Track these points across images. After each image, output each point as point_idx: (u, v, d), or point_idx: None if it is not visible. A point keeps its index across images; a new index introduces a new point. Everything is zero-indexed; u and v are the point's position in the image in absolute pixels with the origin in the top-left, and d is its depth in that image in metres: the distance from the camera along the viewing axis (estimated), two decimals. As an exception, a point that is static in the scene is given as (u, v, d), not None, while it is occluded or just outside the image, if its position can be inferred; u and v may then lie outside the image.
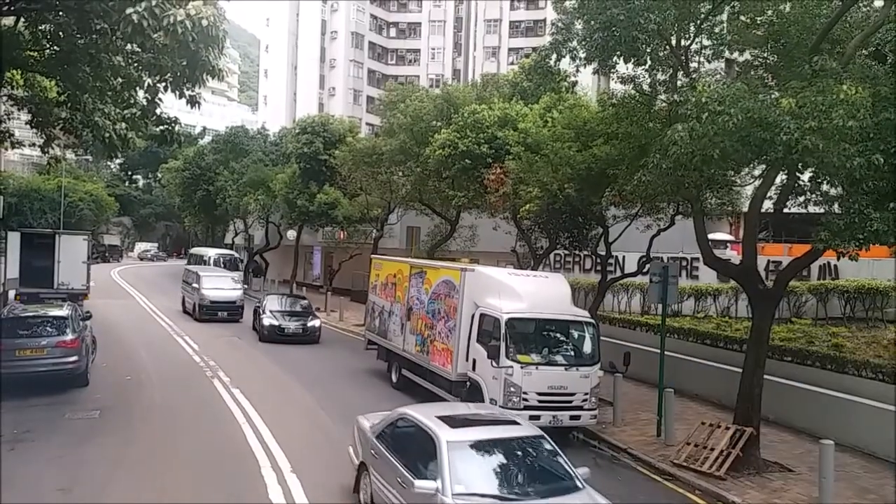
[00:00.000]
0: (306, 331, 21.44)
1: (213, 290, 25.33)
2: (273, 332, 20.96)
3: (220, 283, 26.09)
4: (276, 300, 23.21)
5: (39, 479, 8.99)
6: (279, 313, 21.83)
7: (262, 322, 21.34)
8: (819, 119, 6.91)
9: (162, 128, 14.65)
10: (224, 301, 25.16)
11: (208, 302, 24.96)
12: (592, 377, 11.83)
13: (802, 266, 11.15)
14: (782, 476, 10.34)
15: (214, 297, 25.09)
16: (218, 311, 24.93)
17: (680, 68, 10.39)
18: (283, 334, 20.97)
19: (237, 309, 25.43)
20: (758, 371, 10.64)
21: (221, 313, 24.92)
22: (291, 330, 21.17)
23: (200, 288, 25.28)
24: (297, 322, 21.55)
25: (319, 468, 9.97)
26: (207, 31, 11.29)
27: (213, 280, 26.06)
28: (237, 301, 25.62)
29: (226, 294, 25.49)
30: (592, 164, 13.33)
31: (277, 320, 21.34)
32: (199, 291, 25.23)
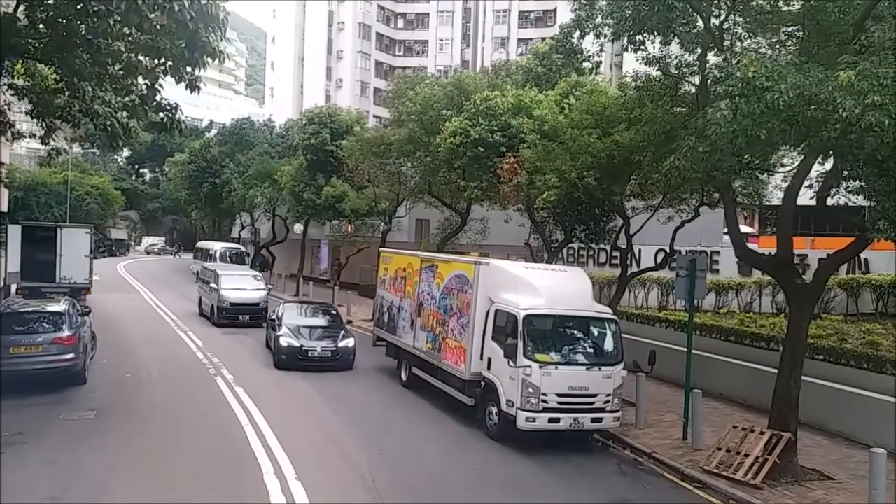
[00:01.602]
0: (337, 353, 16.23)
1: (234, 291, 22.56)
2: (293, 356, 15.98)
3: (241, 282, 23.19)
4: (295, 310, 18.30)
5: (29, 486, 8.42)
6: (300, 329, 16.77)
7: (279, 342, 16.29)
8: (882, 94, 6.19)
9: (162, 115, 14.07)
10: (246, 303, 22.45)
11: (228, 304, 22.19)
12: (615, 377, 11.16)
13: (845, 259, 10.45)
14: (823, 485, 9.65)
15: (235, 299, 22.33)
16: (239, 314, 22.25)
17: (714, 46, 9.63)
18: (307, 359, 15.99)
19: (260, 312, 22.47)
20: (795, 372, 9.95)
21: (243, 317, 22.25)
22: (318, 353, 16.09)
23: (220, 288, 22.43)
24: (325, 341, 16.49)
25: (325, 475, 9.38)
26: (206, 10, 10.78)
27: (233, 279, 23.09)
28: (260, 303, 22.83)
29: (248, 295, 22.69)
30: (614, 150, 12.64)
31: (298, 339, 16.26)
32: (219, 292, 22.41)
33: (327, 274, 39.19)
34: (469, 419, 12.17)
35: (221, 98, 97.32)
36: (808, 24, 9.89)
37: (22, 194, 43.99)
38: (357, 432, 11.37)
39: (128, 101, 14.25)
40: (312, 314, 18.28)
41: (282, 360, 16.11)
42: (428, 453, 10.65)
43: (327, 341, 16.45)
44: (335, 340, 16.48)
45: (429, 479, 9.52)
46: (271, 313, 18.24)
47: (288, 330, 16.60)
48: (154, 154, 67.36)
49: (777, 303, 18.47)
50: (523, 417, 10.64)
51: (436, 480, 9.47)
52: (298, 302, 20.99)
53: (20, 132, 19.50)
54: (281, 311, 17.76)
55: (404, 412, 13.07)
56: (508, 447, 10.90)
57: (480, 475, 9.83)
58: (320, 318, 17.95)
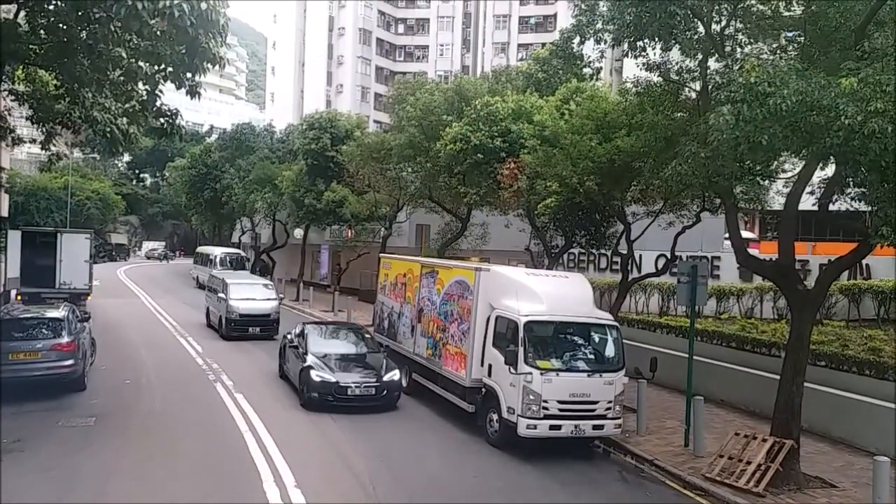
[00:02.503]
0: (382, 390, 13.01)
1: (244, 302, 21.01)
2: (327, 393, 12.74)
3: (251, 291, 21.67)
4: (321, 333, 15.01)
5: (25, 495, 8.35)
6: (331, 359, 13.59)
7: (310, 377, 12.97)
8: (884, 100, 6.16)
9: (163, 120, 14.05)
10: (256, 314, 20.97)
11: (237, 315, 20.67)
12: (617, 384, 11.10)
13: (847, 265, 10.40)
14: (826, 493, 9.58)
15: (245, 310, 20.83)
16: (249, 326, 20.76)
17: (714, 52, 9.61)
18: (345, 398, 12.74)
19: (271, 324, 21.15)
20: (797, 379, 9.88)
21: (253, 329, 20.75)
22: (358, 390, 12.81)
23: (228, 298, 20.91)
24: (366, 375, 13.26)
25: (325, 482, 9.32)
26: (206, 16, 10.73)
27: (243, 288, 21.54)
28: (272, 314, 21.34)
29: (258, 306, 21.24)
30: (615, 156, 12.60)
31: (333, 372, 13.02)
32: (227, 302, 20.88)
33: (327, 279, 39.15)
34: (470, 426, 12.10)
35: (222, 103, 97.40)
36: (809, 29, 9.88)
37: (22, 199, 44.04)
38: (357, 439, 11.31)
39: (128, 107, 14.22)
40: (343, 338, 15.18)
41: (311, 398, 12.86)
42: (428, 460, 10.59)
43: (368, 375, 13.27)
44: (378, 373, 13.29)
45: (429, 486, 9.45)
46: (290, 336, 15.25)
47: (316, 360, 13.40)
48: (154, 159, 67.39)
49: (778, 308, 18.40)
50: (524, 424, 10.58)
51: (436, 488, 9.40)
52: (321, 323, 17.48)
53: (20, 137, 19.47)
54: (304, 335, 14.55)
55: (404, 419, 13.00)
56: (509, 454, 10.84)
57: (481, 483, 9.76)
58: (353, 344, 14.82)
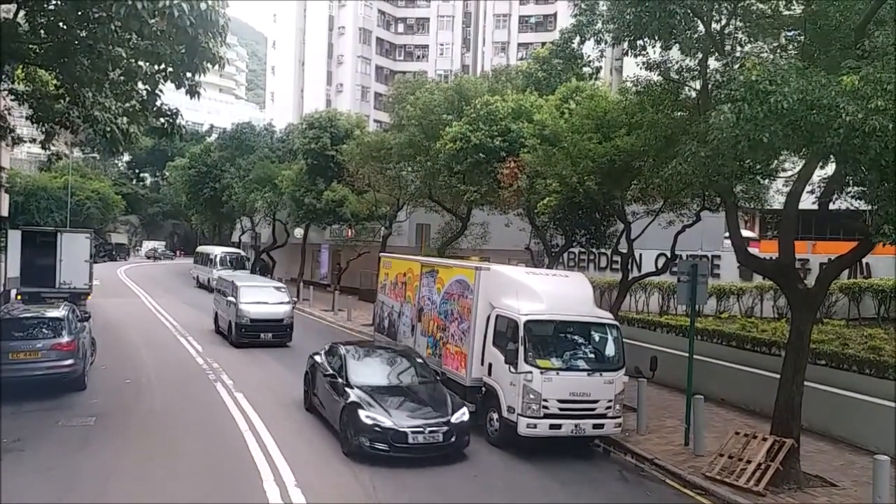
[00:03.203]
0: (451, 435, 10.18)
1: (255, 305, 19.65)
2: (381, 441, 9.87)
3: (263, 294, 20.37)
4: (360, 356, 12.02)
5: (25, 494, 8.35)
6: (380, 394, 10.73)
7: (358, 419, 10.07)
8: (885, 98, 6.16)
9: (163, 120, 14.05)
10: (269, 319, 19.67)
11: (248, 320, 19.34)
12: (617, 383, 11.10)
13: (848, 264, 10.40)
14: (826, 492, 9.58)
15: (257, 314, 19.51)
16: (261, 331, 19.44)
17: (714, 51, 9.60)
18: (406, 447, 9.91)
19: (284, 329, 19.91)
20: (798, 378, 9.88)
21: (265, 335, 19.43)
22: (421, 437, 9.97)
23: (238, 302, 19.58)
24: (429, 416, 10.35)
25: (325, 482, 9.31)
26: (206, 16, 10.72)
27: (254, 291, 20.31)
28: (285, 318, 20.02)
29: (271, 310, 19.87)
30: (615, 156, 12.60)
31: (388, 413, 10.15)
32: (237, 307, 19.54)
33: (328, 278, 39.16)
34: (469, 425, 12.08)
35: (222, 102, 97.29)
36: (809, 28, 9.87)
37: (22, 199, 44.04)
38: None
39: (128, 107, 14.23)
40: (389, 364, 12.09)
41: (360, 446, 9.94)
42: (428, 460, 10.56)
43: (431, 416, 10.35)
44: (443, 413, 10.42)
45: (429, 485, 9.45)
46: (319, 359, 12.54)
47: (363, 394, 10.55)
48: (154, 158, 67.38)
49: (778, 307, 18.40)
50: (524, 423, 10.58)
51: (436, 487, 9.40)
52: (359, 343, 13.81)
53: (20, 137, 19.49)
54: (341, 360, 11.67)
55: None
56: (509, 453, 10.84)
57: (481, 482, 9.76)
58: (405, 372, 11.87)
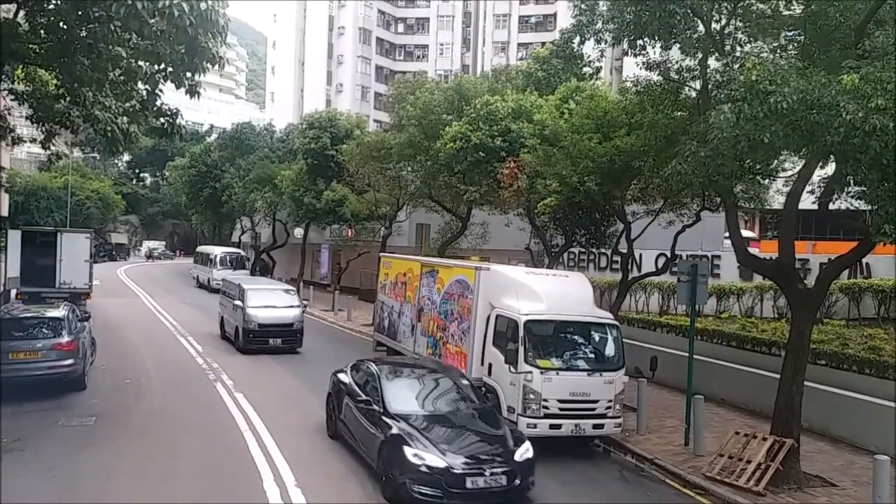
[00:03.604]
0: (514, 477, 8.47)
1: (264, 310, 18.72)
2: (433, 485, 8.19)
3: (271, 298, 19.43)
4: (397, 376, 10.42)
5: (26, 494, 8.35)
6: (428, 424, 9.07)
7: (402, 457, 8.41)
8: (885, 97, 6.16)
9: (163, 120, 14.06)
10: (278, 324, 18.67)
11: (256, 325, 18.38)
12: (617, 383, 11.10)
13: (848, 264, 10.40)
14: (826, 492, 9.58)
15: (265, 319, 18.53)
16: (269, 337, 18.40)
17: (714, 50, 9.60)
18: (461, 491, 8.25)
19: (295, 334, 18.96)
20: (798, 378, 9.88)
21: (274, 340, 18.37)
22: (482, 480, 8.34)
23: (245, 306, 18.65)
24: (487, 452, 8.73)
25: (325, 482, 9.31)
26: (206, 16, 10.72)
27: (261, 294, 19.44)
28: (295, 323, 19.01)
29: (280, 314, 18.87)
30: (615, 156, 12.61)
31: (440, 450, 8.44)
32: (244, 311, 18.62)
33: (328, 278, 39.16)
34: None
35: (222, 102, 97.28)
36: (809, 28, 9.87)
37: (22, 199, 44.04)
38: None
39: (128, 107, 14.23)
40: (432, 385, 10.28)
41: (408, 489, 8.24)
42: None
43: (490, 452, 8.71)
44: (503, 448, 8.78)
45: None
46: (345, 378, 10.98)
47: (407, 427, 8.83)
48: (154, 158, 67.37)
49: (778, 307, 18.40)
50: (524, 423, 10.56)
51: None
52: (390, 362, 11.96)
53: (20, 137, 19.49)
54: (375, 380, 9.99)
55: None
56: (509, 453, 10.81)
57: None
58: (452, 396, 10.01)
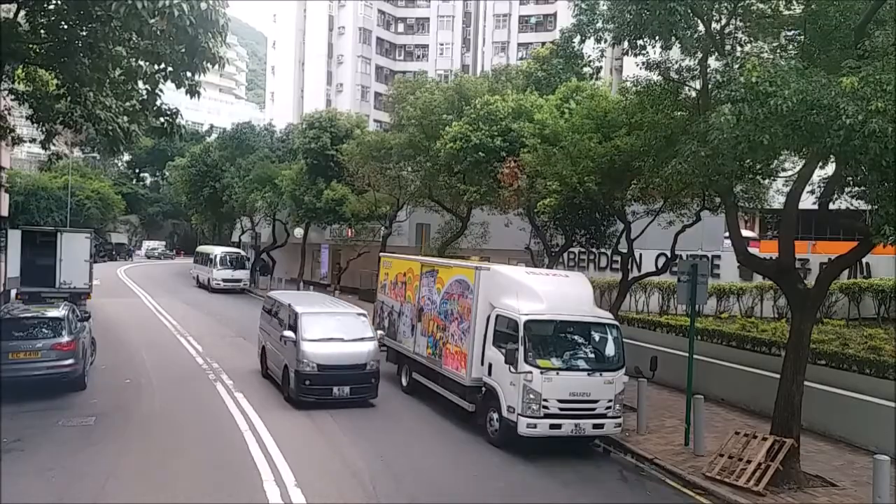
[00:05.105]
0: None
1: (326, 344, 13.20)
2: None
3: (336, 326, 13.74)
4: None
5: (25, 495, 8.35)
6: None
7: None
8: (885, 100, 6.16)
9: (163, 119, 14.05)
10: (346, 365, 13.22)
11: (314, 367, 12.88)
12: (617, 383, 11.10)
13: (848, 264, 10.41)
14: (826, 492, 9.58)
15: (328, 358, 13.07)
16: (334, 384, 13.02)
17: (715, 50, 9.60)
18: None
19: (368, 379, 13.35)
20: (797, 378, 9.88)
21: (340, 389, 13.02)
22: None
23: (300, 339, 13.10)
24: None
25: (325, 482, 9.32)
26: (206, 16, 10.72)
27: (322, 322, 13.68)
28: (369, 363, 13.43)
29: (348, 351, 13.33)
30: (615, 155, 12.61)
31: None
32: (298, 346, 13.04)
33: (328, 278, 39.17)
34: (470, 425, 12.10)
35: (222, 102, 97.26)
36: (809, 28, 9.87)
37: (22, 199, 44.08)
38: (357, 438, 11.31)
39: (128, 106, 14.24)
40: None
41: None
42: (428, 460, 10.58)
43: None
44: None
45: (429, 486, 9.45)
46: None
47: None
48: (154, 158, 67.35)
49: (778, 307, 18.40)
50: (524, 423, 10.58)
51: (436, 487, 9.40)
52: None
53: (20, 137, 19.48)
54: None
55: (404, 418, 13.00)
56: (509, 453, 10.84)
57: (481, 482, 9.77)
58: None
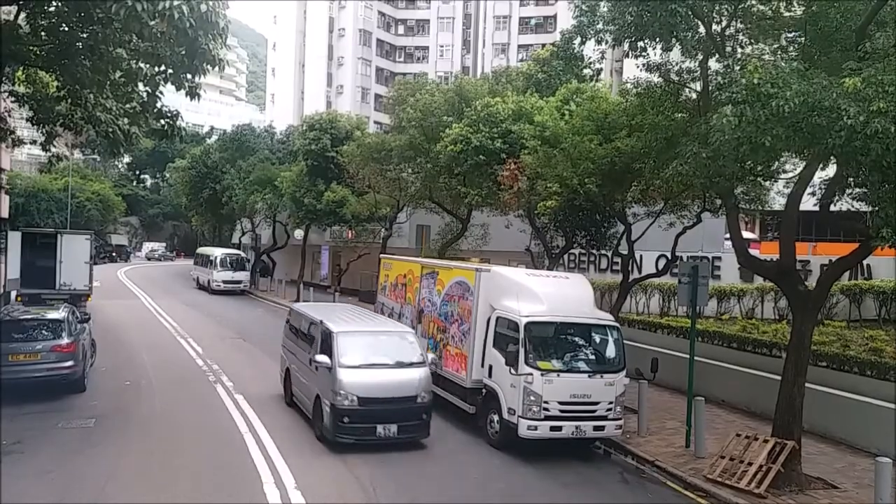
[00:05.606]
0: None
1: (368, 372, 10.83)
2: None
3: (378, 348, 11.38)
4: None
5: (25, 496, 8.34)
6: None
7: None
8: (886, 100, 6.15)
9: (163, 121, 14.05)
10: (392, 398, 10.77)
11: (355, 401, 10.52)
12: (618, 385, 11.08)
13: (849, 266, 10.40)
14: (827, 494, 9.55)
15: (371, 390, 10.69)
16: (377, 421, 10.62)
17: (715, 52, 9.59)
18: None
19: (419, 414, 10.89)
20: (799, 379, 9.86)
21: (385, 428, 10.59)
22: None
23: (336, 365, 10.72)
24: None
25: (325, 484, 9.30)
26: (206, 18, 10.71)
27: (363, 343, 11.35)
28: (419, 394, 10.93)
29: (395, 379, 10.95)
30: (615, 157, 12.61)
31: None
32: (335, 374, 10.65)
33: (328, 280, 39.14)
34: (470, 427, 12.08)
35: (222, 104, 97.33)
36: (809, 30, 9.87)
37: (22, 200, 44.03)
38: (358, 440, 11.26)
39: (129, 108, 14.24)
40: None
41: None
42: (429, 461, 10.55)
43: None
44: None
45: (430, 488, 9.43)
46: None
47: None
48: (155, 160, 67.39)
49: (779, 309, 18.38)
50: (525, 425, 10.56)
51: (437, 489, 9.38)
52: None
53: (20, 139, 19.48)
54: None
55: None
56: (510, 455, 10.82)
57: (482, 484, 9.74)
58: None
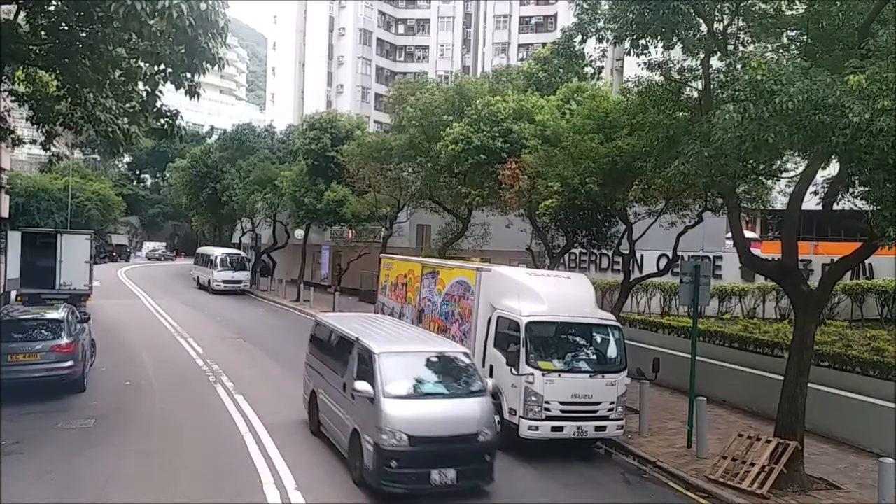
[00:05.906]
0: None
1: (418, 403, 8.89)
2: None
3: (426, 372, 9.40)
4: None
5: (24, 497, 8.31)
6: None
7: None
8: (891, 98, 6.11)
9: (163, 121, 14.01)
10: (448, 436, 8.77)
11: (404, 439, 8.47)
12: (619, 385, 11.04)
13: (851, 265, 10.37)
14: (830, 494, 9.51)
15: (423, 425, 8.65)
16: (431, 465, 8.60)
17: (717, 50, 9.55)
18: None
19: (480, 455, 8.94)
20: (801, 380, 9.82)
21: (442, 474, 8.57)
22: None
23: (379, 396, 8.66)
24: None
25: (325, 485, 9.25)
26: (206, 17, 10.67)
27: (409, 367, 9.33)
28: (481, 431, 8.89)
29: (451, 413, 8.90)
30: (617, 156, 12.56)
31: None
32: (379, 408, 8.59)
33: (328, 279, 39.09)
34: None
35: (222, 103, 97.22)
36: (811, 28, 9.82)
37: (23, 200, 44.03)
38: None
39: (128, 108, 14.20)
40: None
41: None
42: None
43: None
44: None
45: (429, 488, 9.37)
46: None
47: None
48: (155, 160, 67.36)
49: (781, 308, 18.32)
50: (526, 426, 10.53)
51: (437, 490, 9.32)
52: None
53: (20, 138, 19.44)
54: None
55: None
56: (511, 456, 10.73)
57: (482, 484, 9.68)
58: None
